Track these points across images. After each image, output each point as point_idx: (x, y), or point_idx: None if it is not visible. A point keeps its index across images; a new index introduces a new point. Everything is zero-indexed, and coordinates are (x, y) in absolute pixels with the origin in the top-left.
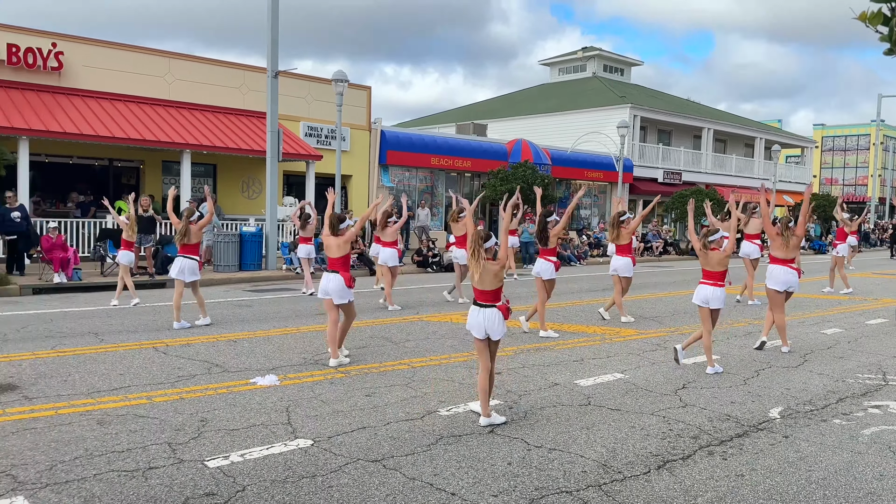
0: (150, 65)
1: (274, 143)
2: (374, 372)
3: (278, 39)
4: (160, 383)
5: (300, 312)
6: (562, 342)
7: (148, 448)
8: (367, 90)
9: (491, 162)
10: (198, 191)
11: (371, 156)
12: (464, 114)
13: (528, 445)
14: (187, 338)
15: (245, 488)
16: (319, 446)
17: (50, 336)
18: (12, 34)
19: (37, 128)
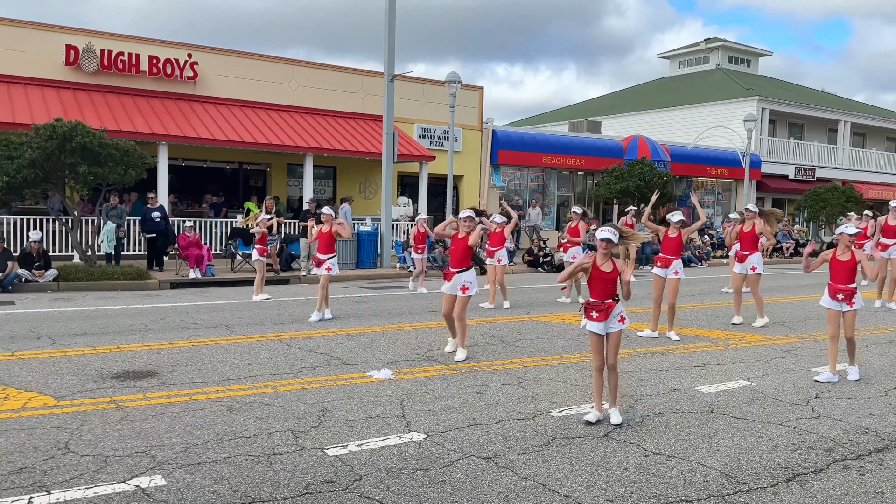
0: (276, 72)
1: (389, 145)
2: (485, 370)
3: (395, 45)
4: (284, 373)
5: (413, 309)
6: (682, 346)
7: (273, 435)
8: (479, 90)
9: (605, 160)
10: (319, 192)
11: (482, 155)
12: (577, 111)
13: (646, 451)
14: (309, 331)
15: (362, 477)
16: (432, 440)
17: (185, 327)
18: (153, 46)
19: (175, 133)
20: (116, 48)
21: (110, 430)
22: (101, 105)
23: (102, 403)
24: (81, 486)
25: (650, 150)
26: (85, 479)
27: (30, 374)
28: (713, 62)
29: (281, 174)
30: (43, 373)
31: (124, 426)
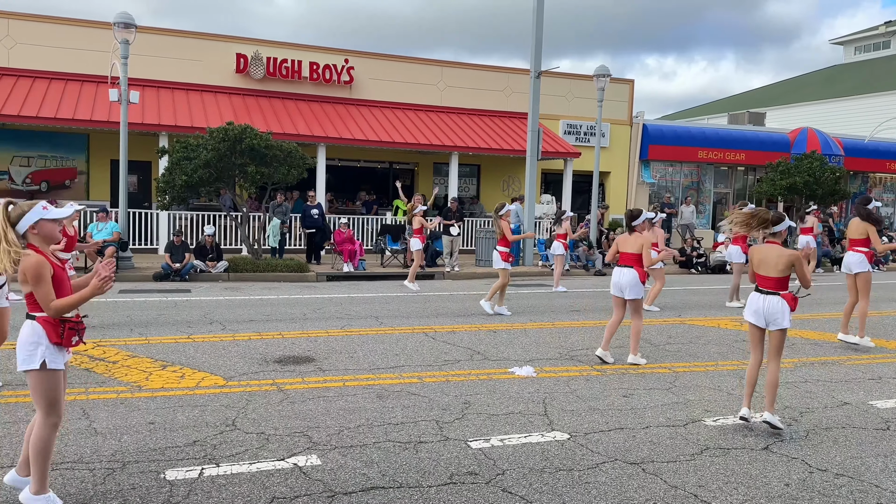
0: (425, 74)
1: (534, 143)
2: (632, 373)
3: (542, 41)
4: (429, 365)
5: (556, 308)
6: (854, 357)
7: (418, 423)
8: (629, 84)
9: (769, 154)
10: (463, 190)
11: (631, 151)
12: (737, 102)
13: (810, 467)
14: (452, 325)
15: (504, 472)
16: (576, 441)
17: (339, 317)
18: (313, 53)
19: (332, 135)
20: (281, 55)
21: (272, 410)
22: (267, 109)
23: (266, 385)
24: (246, 462)
25: (820, 143)
26: (249, 454)
27: (203, 356)
28: (894, 47)
29: (427, 173)
30: (214, 355)
31: (284, 407)
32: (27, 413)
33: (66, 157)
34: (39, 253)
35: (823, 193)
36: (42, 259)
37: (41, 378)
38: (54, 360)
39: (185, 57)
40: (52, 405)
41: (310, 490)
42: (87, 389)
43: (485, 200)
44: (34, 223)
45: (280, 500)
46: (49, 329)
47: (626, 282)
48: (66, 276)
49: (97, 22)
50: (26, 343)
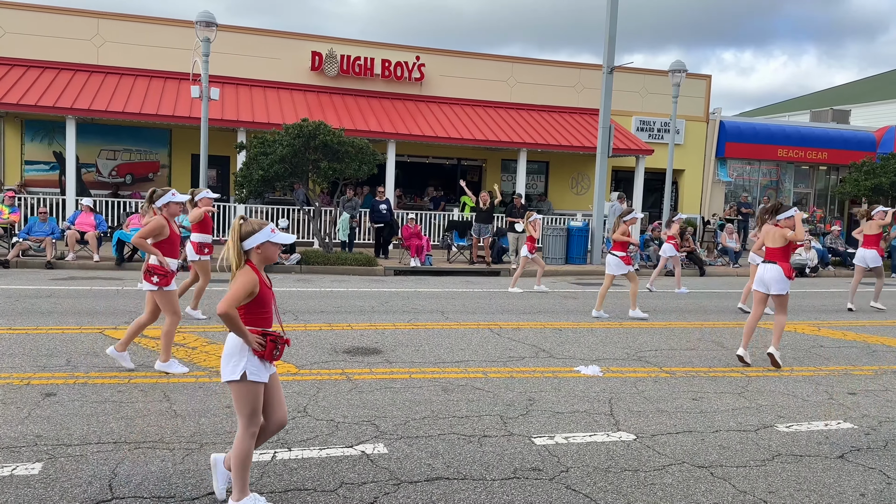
0: (495, 70)
1: (605, 139)
2: (702, 376)
3: (616, 36)
4: (494, 361)
5: (623, 308)
6: None
7: (483, 418)
8: (706, 79)
9: (853, 153)
10: (531, 187)
11: (707, 149)
12: (820, 99)
13: (888, 479)
14: (518, 322)
15: (569, 469)
16: (642, 442)
17: (406, 311)
18: (385, 51)
19: (402, 132)
20: (354, 53)
21: (341, 398)
22: (340, 106)
23: (335, 374)
24: (316, 447)
25: None
26: (319, 441)
27: None
28: None
29: (495, 169)
30: None
31: (353, 396)
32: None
33: (149, 151)
34: (255, 272)
35: None
36: (254, 277)
37: (243, 389)
38: (256, 373)
39: (263, 55)
40: (253, 416)
41: (376, 477)
42: (169, 374)
43: (552, 198)
44: (261, 244)
45: (348, 486)
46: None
47: (770, 277)
48: (271, 298)
49: (180, 21)
50: (230, 355)
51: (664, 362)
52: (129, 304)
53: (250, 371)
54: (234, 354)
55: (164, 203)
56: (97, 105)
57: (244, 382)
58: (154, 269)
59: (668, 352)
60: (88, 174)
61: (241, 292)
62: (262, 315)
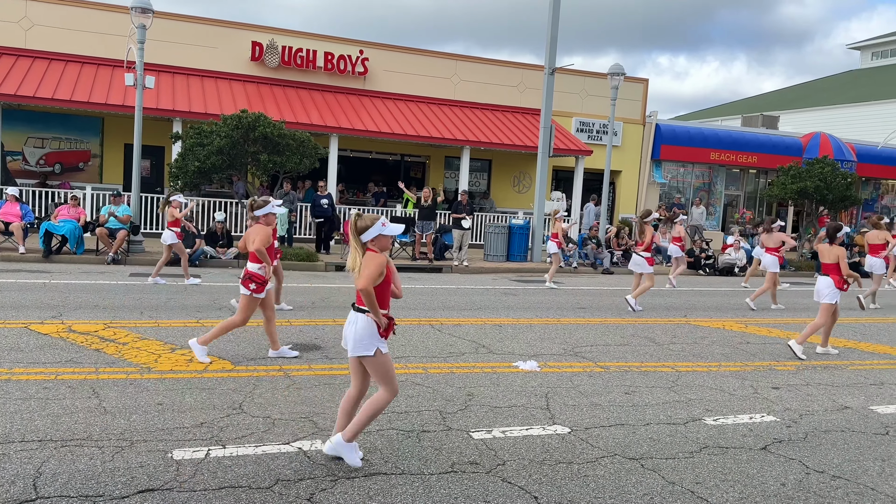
0: (439, 67)
1: (546, 139)
2: (635, 371)
3: (557, 37)
4: (434, 356)
5: (561, 304)
6: (857, 362)
7: (422, 413)
8: (643, 83)
9: (781, 157)
10: (473, 184)
11: (643, 151)
12: (751, 105)
13: (807, 469)
14: (458, 318)
15: (505, 463)
16: (577, 435)
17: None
18: (329, 43)
19: (345, 126)
20: (296, 45)
21: (278, 395)
22: (281, 98)
23: (273, 371)
24: (252, 444)
25: (833, 148)
26: (255, 437)
27: None
28: None
29: (439, 166)
30: (222, 339)
31: (291, 393)
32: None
33: (80, 140)
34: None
35: (834, 199)
36: (382, 259)
37: (378, 361)
38: (384, 345)
39: (201, 43)
40: (391, 378)
41: (313, 474)
42: (98, 369)
43: (495, 196)
44: (373, 237)
45: (284, 483)
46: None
47: (820, 286)
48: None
49: (115, 6)
50: (363, 335)
51: (599, 357)
52: (55, 297)
53: (381, 346)
54: (365, 334)
55: (265, 213)
56: (24, 90)
57: (378, 356)
58: (254, 277)
59: (603, 347)
60: (14, 162)
61: (375, 271)
62: (383, 296)
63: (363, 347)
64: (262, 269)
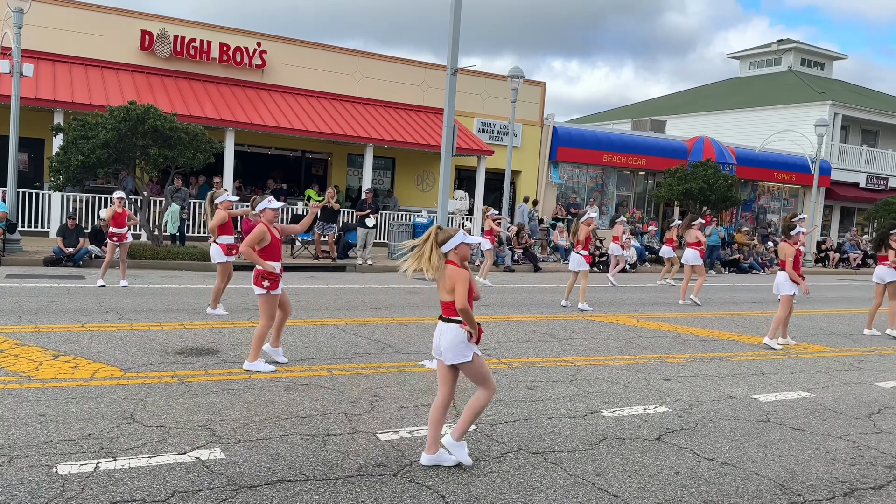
0: (342, 63)
1: (449, 139)
2: (537, 366)
3: (459, 38)
4: (339, 358)
5: (485, 302)
6: (740, 354)
7: (327, 416)
8: (541, 86)
9: (668, 160)
10: (377, 182)
11: (542, 152)
12: (640, 110)
13: (698, 457)
14: (363, 318)
15: (412, 463)
16: (482, 432)
17: (245, 308)
18: (224, 34)
19: (242, 120)
20: (189, 35)
21: (173, 403)
22: (173, 90)
23: (166, 377)
24: (145, 455)
25: (715, 151)
26: (148, 448)
27: (98, 346)
28: (785, 64)
29: (341, 164)
30: (110, 345)
31: (186, 400)
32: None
33: None
34: (457, 266)
35: (716, 199)
36: (467, 273)
37: (475, 365)
38: (476, 349)
39: (86, 31)
40: (488, 378)
41: (213, 484)
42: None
43: (399, 194)
44: (456, 246)
45: (181, 494)
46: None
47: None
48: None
49: None
50: (457, 343)
51: (503, 354)
52: None
53: (476, 350)
54: (459, 343)
55: (262, 209)
56: None
57: (475, 360)
58: (265, 275)
59: (506, 344)
60: None
61: (467, 288)
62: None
63: (461, 355)
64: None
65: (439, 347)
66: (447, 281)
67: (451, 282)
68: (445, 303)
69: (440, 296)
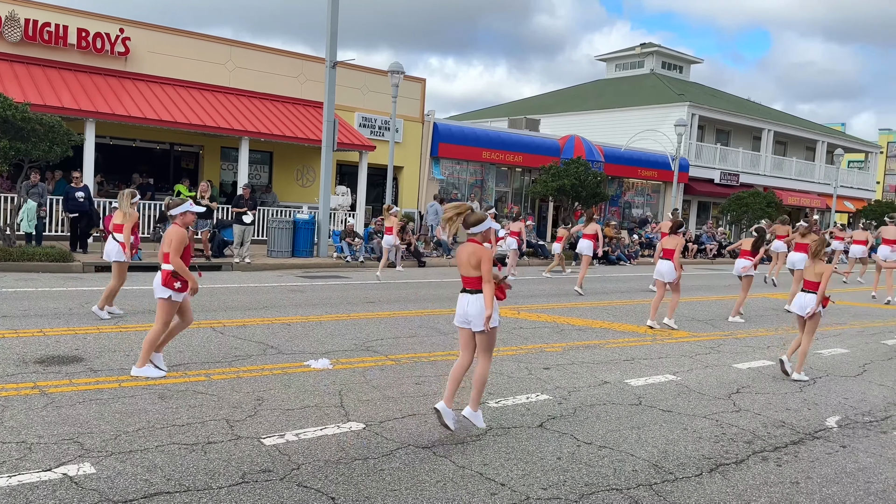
0: (213, 52)
1: (330, 133)
2: (424, 361)
3: (338, 31)
4: (218, 362)
5: (350, 299)
6: (612, 341)
7: (207, 423)
8: (421, 82)
9: (543, 157)
10: (254, 177)
11: (423, 148)
12: (515, 108)
13: (578, 442)
14: (243, 319)
15: (300, 466)
16: (371, 430)
17: (115, 315)
18: (82, 19)
19: (103, 111)
20: (43, 18)
21: (34, 416)
22: (25, 77)
23: (25, 389)
24: (4, 474)
25: (585, 149)
26: (7, 466)
27: None
28: (648, 67)
29: (214, 157)
30: None
31: (49, 412)
32: None
33: None
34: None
35: (587, 195)
36: (489, 251)
37: (494, 333)
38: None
39: None
40: (492, 348)
41: (83, 500)
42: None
43: (278, 189)
44: (485, 230)
45: None
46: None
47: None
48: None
49: None
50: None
51: (390, 350)
52: None
53: (498, 320)
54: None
55: (182, 212)
56: None
57: (493, 330)
58: (178, 277)
59: (393, 340)
60: None
61: (491, 262)
62: None
63: (493, 321)
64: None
65: (466, 315)
66: (472, 257)
67: (476, 258)
68: (470, 277)
69: (464, 272)
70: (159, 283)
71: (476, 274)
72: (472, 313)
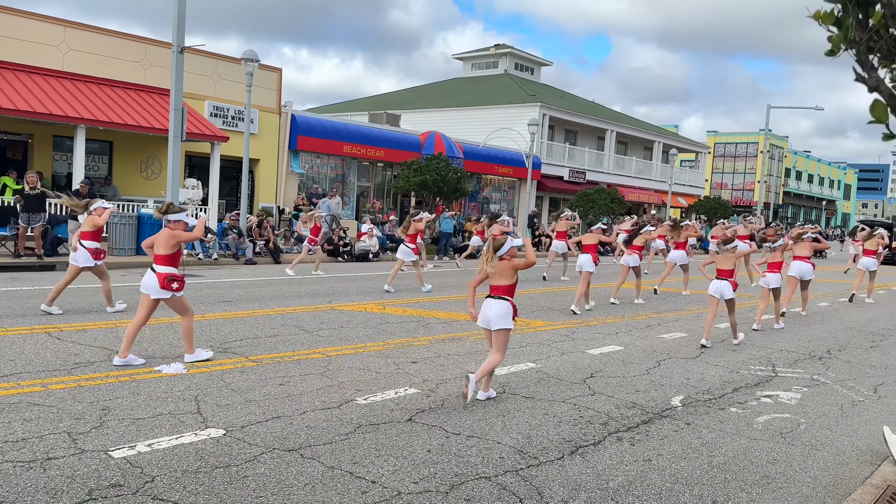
0: (43, 33)
1: (178, 122)
2: (288, 360)
3: (185, 14)
4: (55, 370)
5: (204, 299)
6: (475, 333)
7: (45, 438)
8: (277, 72)
9: (404, 153)
10: (92, 169)
11: (281, 140)
12: (375, 103)
13: (447, 433)
14: (83, 323)
15: (154, 479)
16: (232, 436)
17: None
18: None
19: None
20: None
21: None
22: None
23: None
24: None
25: (446, 146)
26: None
27: None
28: (502, 67)
29: (46, 147)
30: None
31: None
32: None
33: None
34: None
35: (448, 191)
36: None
37: (508, 333)
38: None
39: None
40: (507, 346)
41: None
42: None
43: (119, 182)
44: (507, 250)
45: None
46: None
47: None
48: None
49: None
50: (504, 314)
51: (250, 351)
52: None
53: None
54: (506, 314)
55: (177, 220)
56: None
57: (509, 331)
58: (174, 277)
59: (253, 340)
60: None
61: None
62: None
63: (507, 322)
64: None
65: (488, 316)
66: (506, 270)
67: (509, 269)
68: (498, 286)
69: (494, 281)
70: (156, 285)
71: (504, 283)
72: (492, 315)
